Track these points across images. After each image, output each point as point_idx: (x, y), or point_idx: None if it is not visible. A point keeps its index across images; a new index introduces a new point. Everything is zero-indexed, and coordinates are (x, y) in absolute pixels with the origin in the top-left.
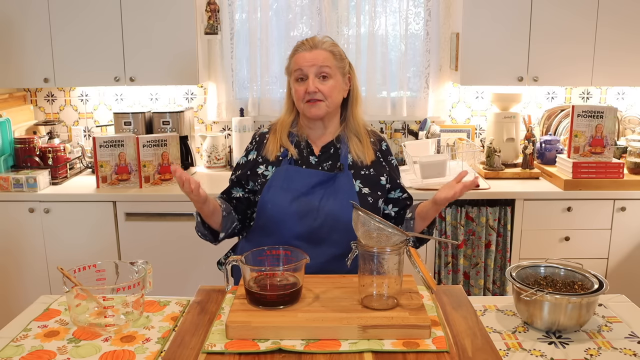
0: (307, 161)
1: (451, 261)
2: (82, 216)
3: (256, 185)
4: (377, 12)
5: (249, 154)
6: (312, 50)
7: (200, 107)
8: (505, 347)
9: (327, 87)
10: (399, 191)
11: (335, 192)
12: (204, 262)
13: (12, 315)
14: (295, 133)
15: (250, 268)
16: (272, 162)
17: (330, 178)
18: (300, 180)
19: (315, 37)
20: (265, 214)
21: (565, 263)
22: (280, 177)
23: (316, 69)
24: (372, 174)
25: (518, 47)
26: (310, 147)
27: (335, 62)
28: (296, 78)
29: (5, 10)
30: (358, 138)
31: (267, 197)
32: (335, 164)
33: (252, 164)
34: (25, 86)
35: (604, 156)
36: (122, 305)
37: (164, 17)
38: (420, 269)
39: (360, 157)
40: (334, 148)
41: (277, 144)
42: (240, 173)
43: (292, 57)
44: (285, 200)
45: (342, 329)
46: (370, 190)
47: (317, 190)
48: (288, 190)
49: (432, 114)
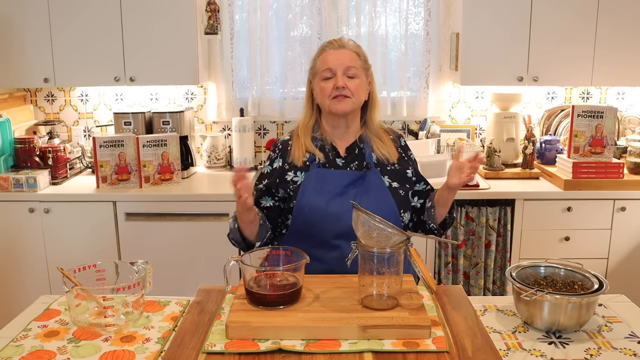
0: (334, 163)
1: (451, 261)
2: (82, 216)
3: (287, 192)
4: (377, 12)
5: (274, 162)
6: (339, 49)
7: (200, 107)
8: (505, 347)
9: (353, 85)
10: (423, 183)
11: (367, 189)
12: (204, 262)
13: (12, 315)
14: (319, 137)
15: (250, 268)
16: (300, 168)
17: (360, 177)
18: (332, 181)
19: (342, 37)
20: (302, 218)
21: (565, 263)
22: (312, 180)
23: (344, 67)
24: (398, 168)
25: (518, 47)
26: (336, 149)
27: (360, 63)
28: (324, 77)
29: (5, 10)
30: (380, 139)
31: (303, 201)
32: (362, 163)
33: (279, 172)
34: (25, 86)
35: (604, 156)
36: (122, 305)
37: (164, 17)
38: (420, 269)
39: (386, 156)
40: (358, 149)
41: (302, 149)
42: (269, 182)
43: (318, 57)
44: (322, 202)
45: (342, 329)
46: (399, 184)
47: (350, 190)
48: (322, 192)
49: (432, 114)
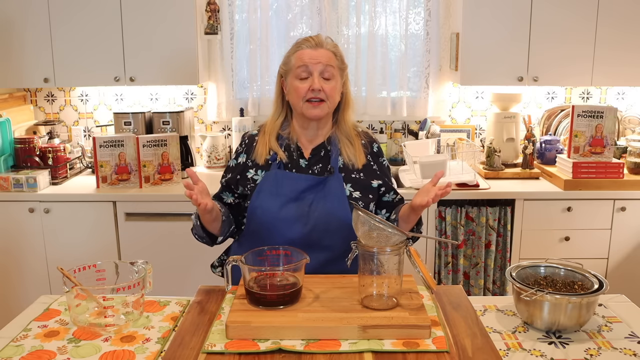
0: (297, 164)
1: (451, 261)
2: (82, 216)
3: (246, 189)
4: (377, 12)
5: (239, 156)
6: (317, 48)
7: (200, 107)
8: (505, 347)
9: (329, 87)
10: (392, 193)
11: (325, 196)
12: (204, 262)
13: (12, 315)
14: (286, 136)
15: (250, 268)
16: (261, 166)
17: (320, 182)
18: (289, 185)
19: (319, 35)
20: (255, 220)
21: (565, 263)
22: (269, 182)
23: (321, 67)
24: (362, 178)
25: (518, 47)
26: (300, 150)
27: (337, 63)
28: (298, 75)
29: (5, 10)
30: (349, 141)
31: (257, 202)
32: (326, 166)
33: (241, 168)
34: (25, 86)
35: (604, 156)
36: (122, 305)
37: (164, 17)
38: (420, 269)
39: (352, 160)
40: (324, 151)
41: (265, 147)
42: (230, 177)
43: (293, 54)
44: (275, 206)
45: (342, 329)
46: (361, 194)
47: (307, 195)
48: (277, 195)
49: (432, 114)
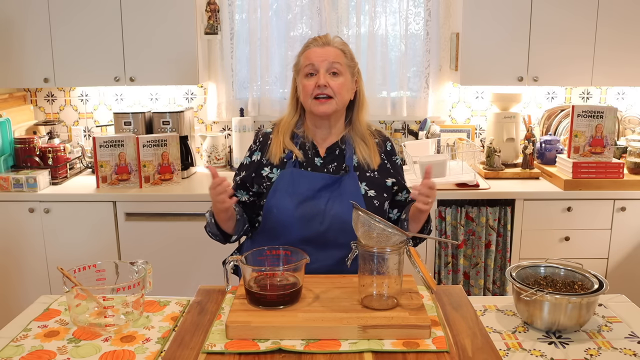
0: (312, 163)
1: (451, 261)
2: (82, 216)
3: (261, 187)
4: (377, 12)
5: (253, 154)
6: (324, 46)
7: (200, 107)
8: (505, 347)
9: (337, 84)
10: (405, 192)
11: (341, 195)
12: (204, 262)
13: (12, 315)
14: (300, 134)
15: (250, 268)
16: (276, 165)
17: (335, 181)
18: (305, 184)
19: (328, 34)
20: (271, 219)
21: (565, 263)
22: (285, 180)
23: (327, 64)
24: (377, 176)
25: (518, 47)
26: (316, 148)
27: (345, 61)
28: (306, 73)
29: (5, 10)
30: (364, 142)
31: (273, 201)
32: (341, 165)
33: (256, 166)
34: (25, 86)
35: (604, 156)
36: (122, 305)
37: (164, 17)
38: (420, 269)
39: (367, 161)
40: (339, 149)
41: (280, 147)
42: (245, 175)
43: (302, 54)
44: (291, 204)
45: (342, 329)
46: (376, 193)
47: (323, 193)
48: (293, 194)
49: (432, 114)
